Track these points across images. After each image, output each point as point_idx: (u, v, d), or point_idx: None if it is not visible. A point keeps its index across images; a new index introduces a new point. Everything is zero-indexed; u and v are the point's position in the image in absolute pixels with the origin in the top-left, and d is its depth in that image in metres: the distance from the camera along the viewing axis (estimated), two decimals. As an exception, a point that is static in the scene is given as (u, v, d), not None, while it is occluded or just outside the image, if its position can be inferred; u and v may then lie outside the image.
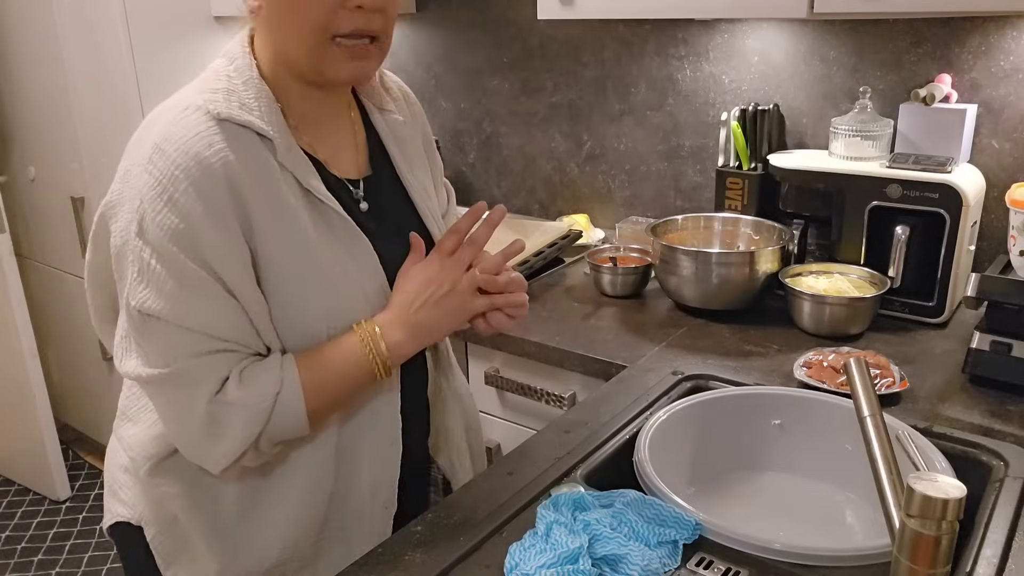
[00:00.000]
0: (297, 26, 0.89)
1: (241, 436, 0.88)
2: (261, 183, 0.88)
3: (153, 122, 0.89)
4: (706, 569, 0.84)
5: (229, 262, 0.86)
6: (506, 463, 1.05)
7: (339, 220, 0.95)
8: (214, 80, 0.91)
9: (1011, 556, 0.85)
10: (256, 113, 0.89)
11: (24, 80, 2.56)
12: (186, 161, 0.84)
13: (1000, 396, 1.23)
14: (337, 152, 1.00)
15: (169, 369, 0.87)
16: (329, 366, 0.93)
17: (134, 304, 0.86)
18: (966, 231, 1.46)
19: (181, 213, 0.83)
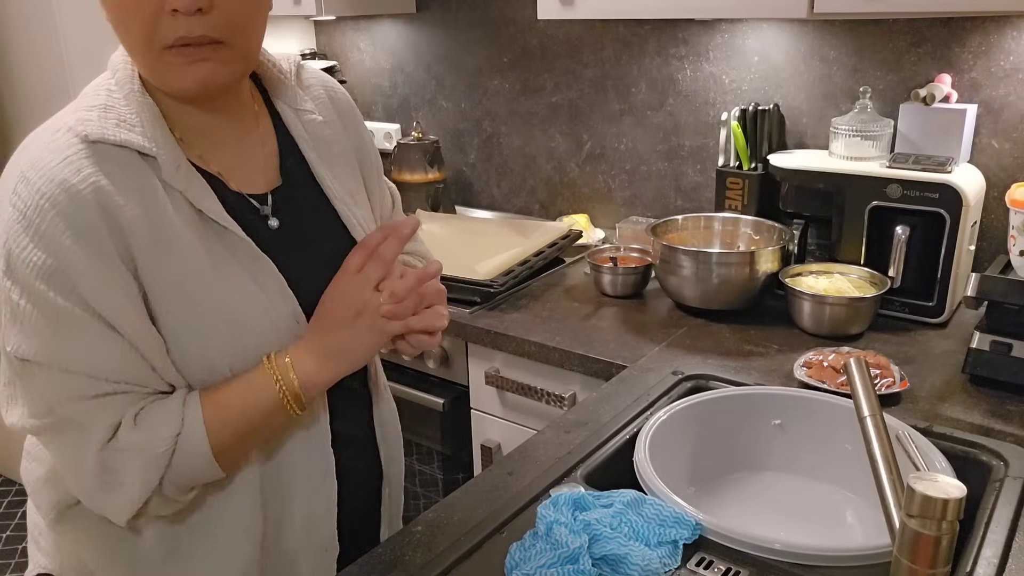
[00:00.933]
0: (128, 40, 0.81)
1: (139, 483, 0.80)
2: (142, 208, 0.80)
3: (24, 148, 0.81)
4: (706, 569, 0.84)
5: (108, 296, 0.78)
6: (506, 463, 1.05)
7: (240, 243, 0.87)
8: (93, 96, 0.84)
9: (1011, 556, 0.85)
10: (138, 130, 0.81)
11: (24, 80, 2.56)
12: (51, 189, 0.76)
13: (1000, 396, 1.23)
14: (238, 165, 0.91)
15: (53, 417, 0.79)
16: (236, 402, 0.84)
17: (10, 350, 0.79)
18: (966, 231, 1.46)
19: (48, 247, 0.76)
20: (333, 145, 1.01)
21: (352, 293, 0.87)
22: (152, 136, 0.82)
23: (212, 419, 0.83)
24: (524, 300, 1.69)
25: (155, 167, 0.82)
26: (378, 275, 0.87)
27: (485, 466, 1.67)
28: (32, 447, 0.99)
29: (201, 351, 0.84)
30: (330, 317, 0.87)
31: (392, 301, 0.86)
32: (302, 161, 0.97)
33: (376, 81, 2.52)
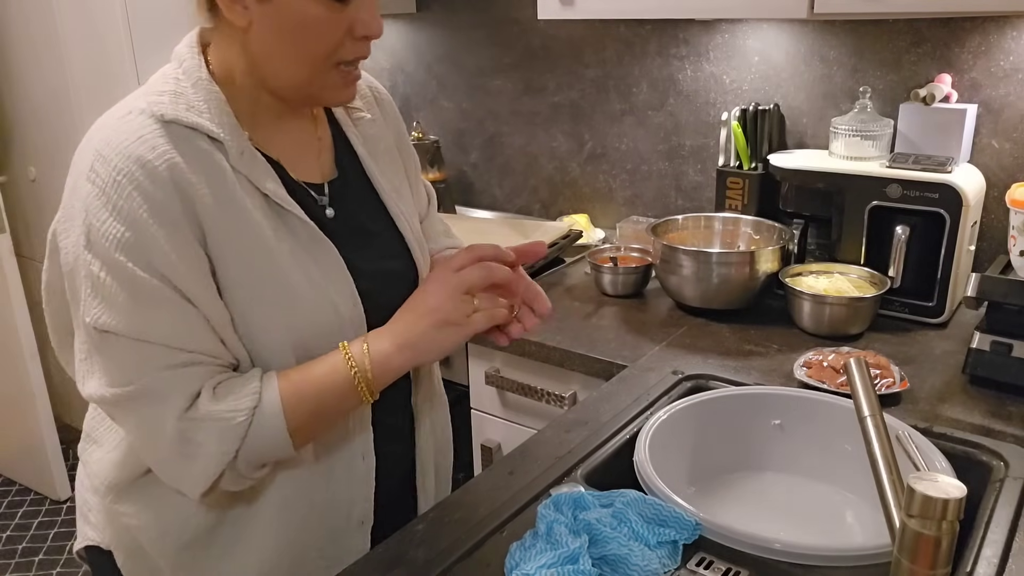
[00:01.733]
0: (297, 54, 0.85)
1: (215, 454, 0.82)
2: (213, 187, 0.84)
3: (96, 130, 0.85)
4: (706, 569, 0.84)
5: (183, 269, 0.81)
6: (506, 463, 1.05)
7: (302, 226, 0.90)
8: (161, 83, 0.87)
9: (1011, 556, 0.85)
10: (206, 116, 0.85)
11: (24, 80, 2.56)
12: (128, 165, 0.79)
13: (1000, 396, 1.23)
14: (298, 156, 0.94)
15: (133, 387, 0.81)
16: (312, 382, 0.87)
17: (89, 321, 0.81)
18: (966, 231, 1.46)
19: (126, 221, 0.79)
20: (380, 142, 1.05)
21: (446, 289, 0.88)
22: (219, 122, 0.86)
23: (288, 396, 0.85)
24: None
25: (223, 151, 0.86)
26: (476, 283, 0.89)
27: (485, 466, 1.67)
28: (93, 429, 1.01)
29: (264, 328, 0.87)
30: (418, 308, 0.89)
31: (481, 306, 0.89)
32: (354, 156, 1.01)
33: (376, 81, 2.52)
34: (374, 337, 0.89)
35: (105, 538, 1.01)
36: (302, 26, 0.83)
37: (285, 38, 0.84)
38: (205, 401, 0.82)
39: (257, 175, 0.87)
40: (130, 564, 0.99)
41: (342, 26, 0.84)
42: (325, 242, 0.92)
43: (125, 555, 0.99)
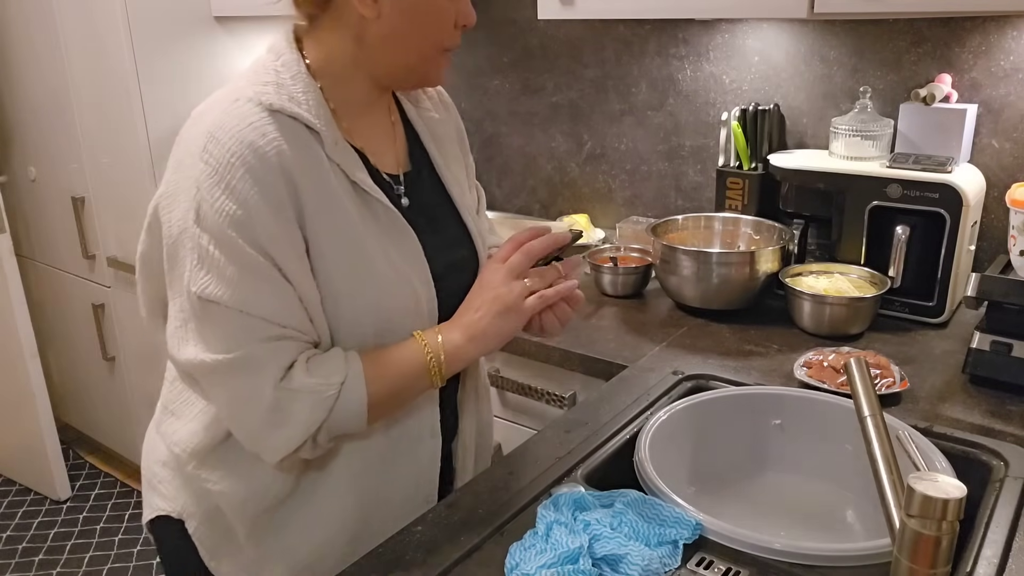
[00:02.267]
0: (418, 41, 0.94)
1: (304, 423, 0.88)
2: (312, 174, 0.90)
3: (203, 114, 0.90)
4: (706, 569, 0.84)
5: (285, 249, 0.87)
6: (507, 463, 1.05)
7: (385, 213, 0.97)
8: (263, 74, 0.92)
9: (1011, 556, 0.85)
10: (304, 107, 0.90)
11: (24, 80, 2.56)
12: (241, 149, 0.85)
13: (1000, 396, 1.23)
14: (379, 147, 1.01)
15: (233, 354, 0.87)
16: (391, 364, 0.94)
17: (195, 290, 0.86)
18: (966, 231, 1.46)
19: (238, 199, 0.85)
20: (445, 140, 1.12)
21: (499, 278, 0.97)
22: (316, 113, 0.91)
23: (370, 374, 0.91)
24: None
25: (319, 141, 0.91)
26: (522, 265, 0.98)
27: (485, 466, 1.67)
28: (171, 402, 1.06)
29: (352, 307, 0.93)
30: (477, 302, 0.97)
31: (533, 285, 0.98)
32: (424, 151, 1.07)
33: (376, 81, 2.52)
34: (446, 329, 0.97)
35: (176, 507, 1.05)
36: (427, 15, 0.93)
37: (411, 26, 0.93)
38: (300, 373, 0.88)
39: (349, 164, 0.94)
40: (203, 529, 1.04)
41: (451, 16, 0.94)
42: (406, 228, 0.98)
43: (199, 521, 1.03)
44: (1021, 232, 1.32)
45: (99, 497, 2.75)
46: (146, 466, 1.11)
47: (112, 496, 2.76)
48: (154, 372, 2.51)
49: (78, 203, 2.49)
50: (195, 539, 1.04)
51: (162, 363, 1.06)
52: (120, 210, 2.41)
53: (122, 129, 2.27)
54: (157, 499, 1.08)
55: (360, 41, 0.93)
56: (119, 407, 2.71)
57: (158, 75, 2.23)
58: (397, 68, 0.96)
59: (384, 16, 0.91)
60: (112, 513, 2.67)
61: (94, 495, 2.76)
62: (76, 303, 2.69)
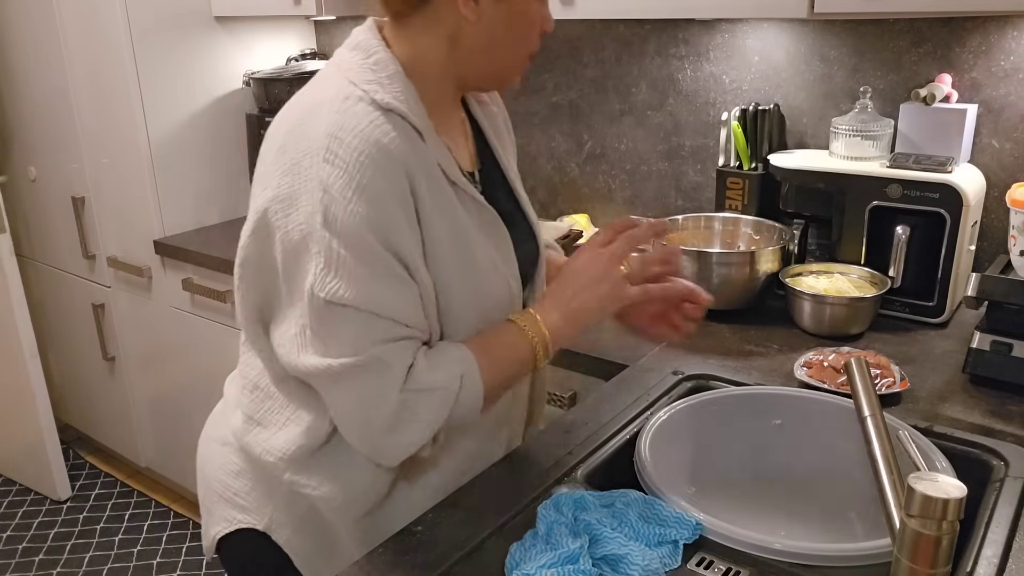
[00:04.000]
0: (512, 46, 0.96)
1: (430, 422, 0.89)
2: (424, 171, 0.91)
3: (309, 115, 0.88)
4: (706, 569, 0.84)
5: (410, 246, 0.88)
6: (506, 463, 1.05)
7: (478, 209, 0.98)
8: (359, 72, 0.91)
9: (1011, 556, 0.85)
10: (407, 106, 0.91)
11: (24, 80, 2.56)
12: (368, 148, 0.85)
13: (1000, 396, 1.23)
14: (455, 144, 1.02)
15: (359, 357, 0.86)
16: (498, 351, 0.95)
17: (322, 295, 0.85)
18: (966, 231, 1.46)
19: (370, 199, 0.84)
20: (504, 135, 1.14)
21: (598, 263, 0.99)
22: (415, 112, 0.92)
23: (482, 364, 0.93)
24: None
25: (422, 139, 0.92)
26: (623, 251, 0.99)
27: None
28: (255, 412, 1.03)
29: (460, 302, 0.95)
30: (574, 283, 0.99)
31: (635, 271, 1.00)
32: (488, 148, 1.09)
33: (376, 81, 2.52)
34: (541, 310, 0.98)
35: (263, 518, 1.03)
36: (521, 20, 0.94)
37: (507, 32, 0.94)
38: (423, 371, 0.88)
39: (446, 162, 0.95)
40: (298, 538, 1.02)
41: (539, 22, 0.96)
42: (498, 222, 1.01)
43: (292, 530, 1.02)
44: (1021, 232, 1.31)
45: (99, 497, 2.75)
46: (215, 479, 1.08)
47: (112, 496, 2.76)
48: (154, 372, 2.52)
49: (78, 203, 2.49)
50: (287, 549, 1.02)
51: (162, 364, 1.06)
52: (120, 210, 2.41)
53: (122, 129, 2.27)
54: (235, 512, 1.05)
55: (454, 43, 0.93)
56: (119, 407, 2.71)
57: (158, 75, 2.23)
58: (486, 72, 0.98)
59: (483, 21, 0.92)
60: (112, 513, 2.67)
61: (94, 495, 2.76)
62: (76, 303, 2.69)
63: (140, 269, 2.36)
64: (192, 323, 2.30)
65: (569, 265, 1.02)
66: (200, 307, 2.25)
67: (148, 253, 2.33)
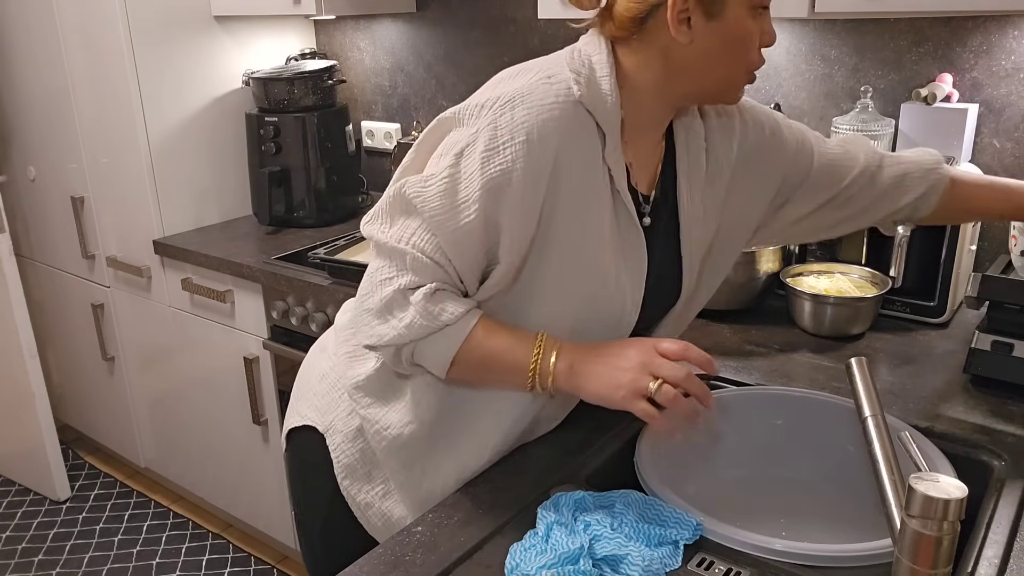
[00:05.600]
0: (728, 64, 0.95)
1: (397, 331, 0.94)
2: (584, 168, 0.94)
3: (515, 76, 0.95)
4: (707, 570, 0.84)
5: (516, 221, 0.92)
6: (506, 463, 1.05)
7: (629, 229, 1.00)
8: (580, 63, 0.95)
9: (1012, 557, 0.85)
10: (602, 107, 0.93)
11: (24, 80, 2.56)
12: (530, 121, 0.89)
13: (1001, 396, 1.23)
14: (639, 163, 1.02)
15: (395, 246, 0.93)
16: (498, 343, 0.96)
17: (409, 192, 0.93)
18: (967, 231, 1.45)
19: (500, 164, 0.89)
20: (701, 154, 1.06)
21: (639, 359, 0.93)
22: (608, 117, 0.94)
23: (475, 336, 0.95)
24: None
25: (603, 142, 0.95)
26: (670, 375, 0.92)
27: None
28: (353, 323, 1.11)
29: (557, 300, 0.98)
30: (608, 354, 0.95)
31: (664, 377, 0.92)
32: (674, 175, 1.06)
33: (376, 80, 2.52)
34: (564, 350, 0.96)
35: (326, 420, 1.14)
36: (740, 40, 0.94)
37: (724, 50, 0.94)
38: (421, 294, 0.93)
39: (618, 173, 0.97)
40: (345, 446, 1.12)
41: (757, 38, 0.95)
42: (642, 249, 1.02)
43: (343, 438, 1.12)
44: (1022, 232, 1.31)
45: (99, 497, 2.75)
46: (304, 379, 1.21)
47: (112, 496, 2.76)
48: (154, 372, 2.52)
49: (78, 203, 2.49)
50: (334, 454, 1.12)
51: (162, 364, 1.07)
52: (119, 210, 2.41)
53: (122, 129, 2.27)
54: (307, 409, 1.16)
55: (668, 62, 0.95)
56: (119, 407, 2.71)
57: (158, 75, 2.23)
58: (702, 89, 0.98)
59: (696, 42, 0.92)
60: (112, 513, 2.67)
61: (94, 495, 2.76)
62: (76, 303, 2.69)
63: (139, 269, 2.36)
64: (192, 323, 2.30)
65: (624, 340, 0.98)
66: (200, 307, 2.25)
67: (147, 253, 2.33)
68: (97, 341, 2.62)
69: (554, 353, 0.95)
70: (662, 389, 0.91)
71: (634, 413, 0.93)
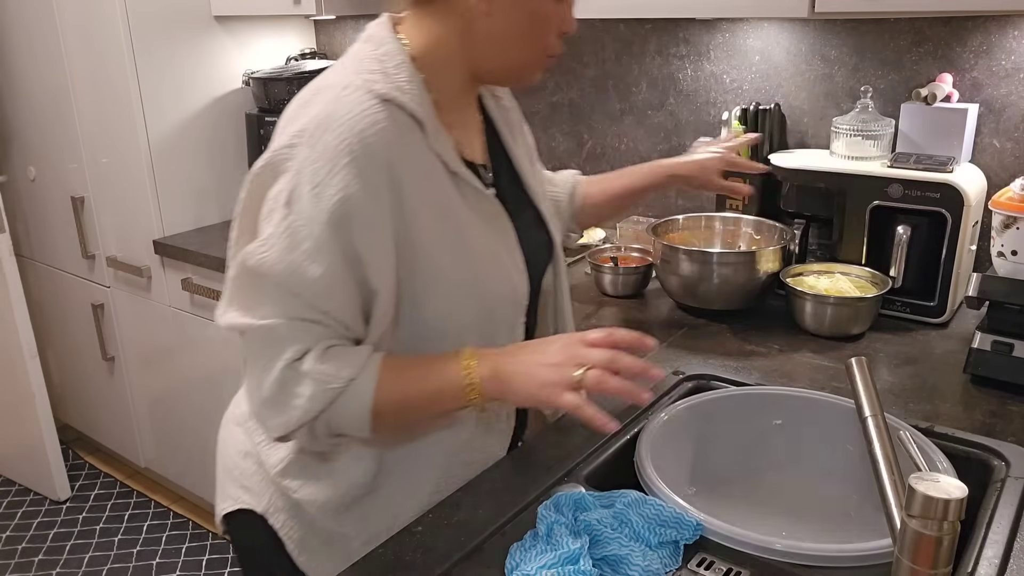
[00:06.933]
0: (523, 42, 0.95)
1: (302, 408, 0.88)
2: (416, 164, 0.91)
3: (309, 101, 0.91)
4: (707, 570, 0.84)
5: (374, 243, 0.88)
6: (506, 463, 1.05)
7: (480, 201, 0.98)
8: (367, 63, 0.92)
9: (1012, 557, 0.85)
10: (409, 96, 0.91)
11: (24, 80, 2.56)
12: (349, 138, 0.85)
13: (1001, 396, 1.23)
14: (466, 136, 1.02)
15: (263, 323, 0.88)
16: (415, 374, 0.93)
17: (253, 260, 0.88)
18: (967, 231, 1.45)
19: (338, 189, 0.85)
20: (515, 128, 1.13)
21: (566, 353, 0.91)
22: (420, 102, 0.92)
23: (385, 378, 0.90)
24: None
25: (422, 130, 0.92)
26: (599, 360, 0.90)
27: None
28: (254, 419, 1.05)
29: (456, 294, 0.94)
30: (532, 356, 0.92)
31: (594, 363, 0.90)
32: (498, 139, 1.09)
33: (376, 81, 2.52)
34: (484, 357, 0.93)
35: (262, 502, 1.06)
36: (534, 18, 0.93)
37: (518, 27, 0.94)
38: (311, 359, 0.88)
39: (448, 154, 0.94)
40: (291, 523, 1.05)
41: (556, 22, 0.95)
42: (502, 214, 1.00)
43: (288, 515, 1.05)
44: (999, 233, 1.31)
45: (99, 497, 2.75)
46: (226, 455, 1.12)
47: (112, 496, 2.76)
48: (154, 372, 2.52)
49: (78, 203, 2.49)
50: (281, 533, 1.05)
51: (162, 364, 1.07)
52: (120, 210, 2.41)
53: (122, 129, 2.27)
54: (240, 492, 1.09)
55: (466, 34, 0.94)
56: (119, 407, 2.71)
57: (158, 75, 2.23)
58: (499, 67, 0.98)
59: (495, 14, 0.92)
60: (112, 513, 2.67)
61: (94, 495, 2.76)
62: (76, 303, 2.69)
63: (139, 269, 2.36)
64: (191, 323, 2.30)
65: (546, 338, 0.98)
66: (199, 307, 2.25)
67: (147, 253, 2.33)
68: (97, 341, 2.62)
69: (475, 361, 0.92)
70: (588, 375, 0.89)
71: (563, 407, 0.90)
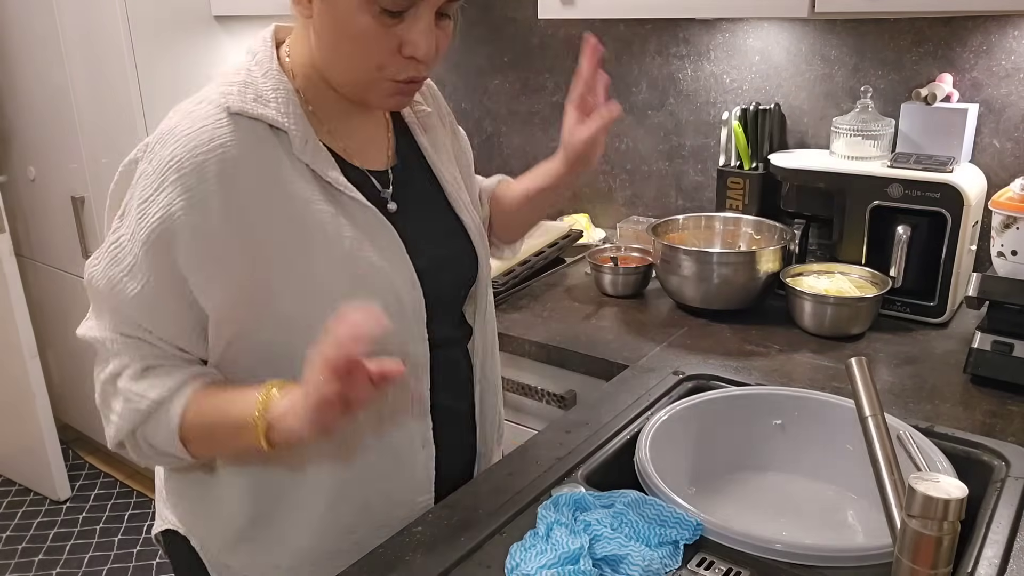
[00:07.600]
0: (349, 57, 0.87)
1: (118, 424, 0.90)
2: (265, 177, 0.86)
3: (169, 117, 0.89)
4: (707, 569, 0.84)
5: (203, 262, 0.84)
6: (506, 463, 1.05)
7: (362, 211, 0.92)
8: (234, 74, 0.90)
9: (1012, 557, 0.85)
10: (272, 105, 0.87)
11: (24, 80, 2.56)
12: (180, 153, 0.82)
13: (1001, 396, 1.23)
14: (363, 144, 0.98)
15: (97, 335, 0.90)
16: (217, 404, 0.88)
17: (86, 275, 0.90)
18: (967, 231, 1.45)
19: (161, 207, 0.83)
20: (437, 132, 1.09)
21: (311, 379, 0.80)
22: (285, 111, 0.88)
23: (193, 403, 0.88)
24: (525, 300, 1.69)
25: (285, 141, 0.88)
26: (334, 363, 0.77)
27: (485, 466, 1.66)
28: None
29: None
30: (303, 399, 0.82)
31: None
32: (414, 144, 1.05)
33: (376, 81, 2.52)
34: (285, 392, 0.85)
35: (185, 524, 1.06)
36: (350, 34, 0.84)
37: (337, 41, 0.86)
38: (126, 376, 0.89)
39: (319, 164, 0.90)
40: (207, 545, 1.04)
41: (392, 42, 0.85)
42: (385, 225, 0.94)
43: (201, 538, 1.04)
44: (999, 233, 1.31)
45: (99, 497, 2.75)
46: (159, 475, 1.12)
47: (112, 496, 2.76)
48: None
49: (78, 203, 2.49)
50: (201, 554, 1.03)
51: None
52: (120, 210, 2.41)
53: (122, 129, 2.27)
54: (168, 512, 1.08)
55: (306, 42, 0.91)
56: (119, 407, 2.71)
57: (158, 75, 2.22)
58: (336, 80, 0.90)
59: (316, 22, 0.86)
60: (112, 513, 2.67)
61: (94, 495, 2.76)
62: (76, 303, 2.69)
63: (140, 269, 2.36)
64: (192, 323, 2.29)
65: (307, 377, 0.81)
66: (200, 307, 2.25)
67: (148, 253, 2.33)
68: (97, 341, 2.62)
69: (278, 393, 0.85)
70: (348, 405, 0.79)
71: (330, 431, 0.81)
